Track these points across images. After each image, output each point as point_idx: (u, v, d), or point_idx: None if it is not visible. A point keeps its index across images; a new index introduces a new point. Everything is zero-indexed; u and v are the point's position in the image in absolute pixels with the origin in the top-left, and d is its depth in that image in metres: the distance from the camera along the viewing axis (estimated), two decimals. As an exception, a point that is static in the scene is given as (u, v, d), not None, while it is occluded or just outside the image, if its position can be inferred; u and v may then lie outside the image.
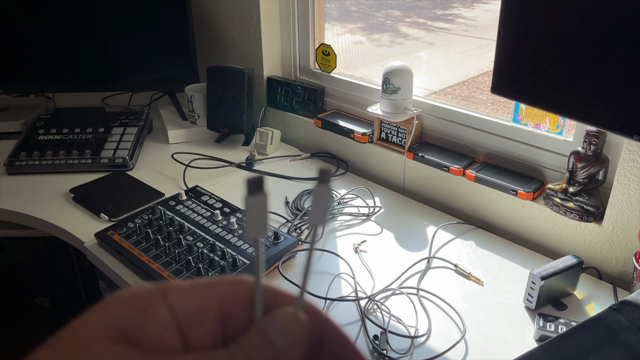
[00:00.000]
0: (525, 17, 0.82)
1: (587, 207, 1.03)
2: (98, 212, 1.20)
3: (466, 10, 4.29)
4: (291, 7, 1.51)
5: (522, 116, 1.15)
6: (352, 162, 1.45)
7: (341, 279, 1.02)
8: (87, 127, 1.51)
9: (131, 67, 1.62)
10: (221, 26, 1.65)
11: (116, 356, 0.21)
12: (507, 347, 0.86)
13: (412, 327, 0.90)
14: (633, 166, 0.95)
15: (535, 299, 0.92)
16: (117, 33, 1.57)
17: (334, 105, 1.53)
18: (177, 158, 1.43)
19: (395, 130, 1.33)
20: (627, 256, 1.00)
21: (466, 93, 3.34)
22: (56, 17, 1.55)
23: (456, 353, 0.85)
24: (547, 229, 1.10)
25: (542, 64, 0.82)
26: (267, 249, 1.02)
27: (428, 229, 1.17)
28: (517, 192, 1.11)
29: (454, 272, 1.04)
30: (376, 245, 1.12)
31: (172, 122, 1.63)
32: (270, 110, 1.61)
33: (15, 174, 1.40)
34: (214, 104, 1.52)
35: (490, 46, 0.88)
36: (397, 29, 4.09)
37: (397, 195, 1.31)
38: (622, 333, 0.69)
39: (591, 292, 0.98)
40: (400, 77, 1.26)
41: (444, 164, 1.22)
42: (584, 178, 1.03)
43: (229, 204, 1.18)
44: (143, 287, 0.24)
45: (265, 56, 1.56)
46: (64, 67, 1.61)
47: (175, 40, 1.57)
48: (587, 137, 1.01)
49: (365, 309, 0.93)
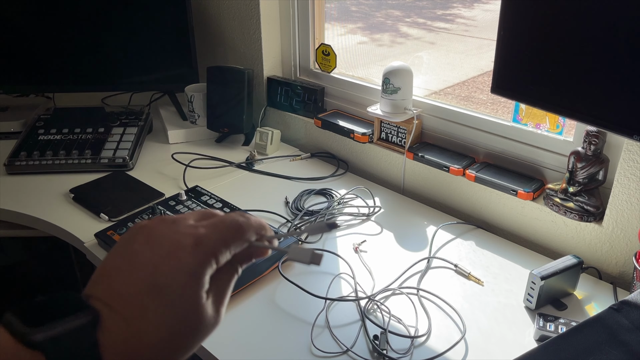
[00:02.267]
0: (525, 17, 0.82)
1: (587, 207, 1.03)
2: (98, 212, 1.20)
3: (466, 10, 4.29)
4: (291, 7, 1.51)
5: (522, 116, 1.15)
6: (352, 162, 1.45)
7: (341, 279, 1.02)
8: (87, 127, 1.51)
9: (131, 67, 1.62)
10: (221, 26, 1.65)
11: None
12: (507, 347, 0.86)
13: (412, 327, 0.90)
14: (633, 166, 0.95)
15: (535, 299, 0.92)
16: (117, 33, 1.57)
17: (334, 105, 1.53)
18: (177, 158, 1.43)
19: (395, 130, 1.33)
20: (627, 256, 1.00)
21: (466, 93, 3.34)
22: (56, 17, 1.55)
23: (456, 353, 0.85)
24: (547, 229, 1.10)
25: (542, 64, 0.82)
26: (267, 249, 1.02)
27: (428, 229, 1.17)
28: (517, 192, 1.11)
29: (454, 272, 1.04)
30: (376, 245, 1.12)
31: (172, 122, 1.63)
32: (270, 110, 1.61)
33: (15, 174, 1.40)
34: (214, 104, 1.52)
35: (490, 46, 0.88)
36: (397, 28, 4.09)
37: (397, 195, 1.31)
38: (622, 333, 0.69)
39: (591, 292, 0.98)
40: (400, 77, 1.26)
41: (444, 164, 1.22)
42: (584, 178, 1.03)
43: (229, 204, 1.18)
44: None
45: (265, 56, 1.56)
46: (64, 67, 1.61)
47: (175, 40, 1.57)
48: (587, 137, 1.01)
49: (365, 309, 0.93)
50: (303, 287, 0.95)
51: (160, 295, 0.34)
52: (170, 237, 0.36)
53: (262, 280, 1.00)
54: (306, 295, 0.95)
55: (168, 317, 0.34)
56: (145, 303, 0.34)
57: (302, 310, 0.93)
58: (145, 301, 0.34)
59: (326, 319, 0.91)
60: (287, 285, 0.98)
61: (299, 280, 0.98)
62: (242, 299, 0.96)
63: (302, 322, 0.91)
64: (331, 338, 0.88)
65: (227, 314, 0.92)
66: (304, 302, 0.95)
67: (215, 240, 0.37)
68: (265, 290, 0.98)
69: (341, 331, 0.89)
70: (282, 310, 0.94)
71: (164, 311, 0.34)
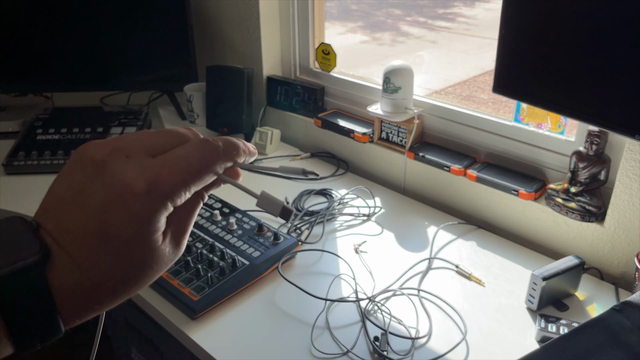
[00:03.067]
0: (527, 15, 0.82)
1: (588, 207, 1.02)
2: (97, 213, 1.19)
3: (467, 9, 4.29)
4: (291, 6, 1.51)
5: (524, 116, 1.15)
6: (352, 162, 1.44)
7: (341, 279, 1.01)
8: (85, 126, 1.50)
9: (130, 67, 1.61)
10: (221, 25, 1.64)
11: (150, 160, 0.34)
12: (509, 348, 0.86)
13: (413, 328, 0.90)
14: (635, 166, 0.95)
15: (536, 300, 0.91)
16: (115, 32, 1.57)
17: (334, 105, 1.52)
18: (176, 158, 1.42)
19: (396, 129, 1.32)
20: (629, 256, 1.00)
21: (467, 92, 3.33)
22: (55, 17, 1.55)
23: (457, 354, 0.85)
24: (548, 229, 1.10)
25: (543, 63, 0.81)
26: (267, 250, 1.01)
27: (429, 230, 1.17)
28: (518, 192, 1.10)
29: (455, 273, 1.03)
30: (376, 245, 1.12)
31: (171, 121, 1.62)
32: (270, 110, 1.61)
33: (14, 174, 1.39)
34: (214, 104, 1.52)
35: (492, 45, 0.87)
36: (398, 27, 4.08)
37: (398, 195, 1.31)
38: (624, 334, 0.68)
39: (593, 293, 0.98)
40: (401, 77, 1.26)
41: (444, 164, 1.22)
42: (586, 178, 1.03)
43: (228, 205, 1.17)
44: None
45: (265, 55, 1.56)
46: (63, 66, 1.61)
47: (175, 40, 1.56)
48: (588, 137, 1.00)
49: (366, 310, 0.92)
50: (303, 288, 0.95)
51: (110, 243, 0.33)
52: (122, 179, 0.33)
53: (262, 281, 1.00)
54: (306, 296, 0.94)
55: (119, 263, 0.33)
56: (94, 247, 0.33)
57: (302, 311, 0.93)
58: (95, 245, 0.33)
59: (326, 320, 0.91)
60: (287, 286, 0.97)
61: (299, 281, 0.97)
62: (242, 299, 0.95)
63: (302, 323, 0.90)
64: (331, 339, 0.87)
65: (227, 315, 0.92)
66: (304, 303, 0.94)
67: (172, 185, 0.34)
68: (265, 290, 0.98)
69: (341, 332, 0.88)
70: (282, 311, 0.93)
71: (115, 258, 0.33)
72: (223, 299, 0.94)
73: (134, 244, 0.33)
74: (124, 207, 0.33)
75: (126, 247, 0.33)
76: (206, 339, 0.87)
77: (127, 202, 0.33)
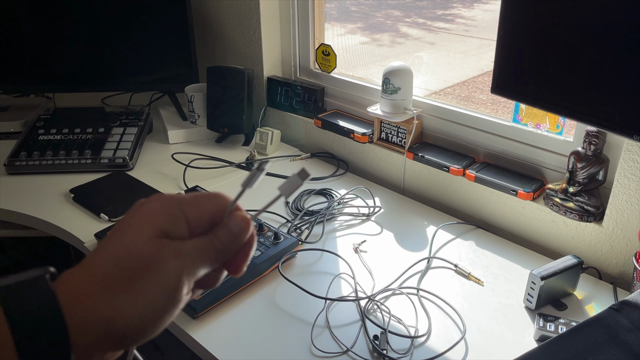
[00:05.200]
0: (525, 17, 0.82)
1: (587, 207, 1.03)
2: (98, 212, 1.20)
3: (466, 10, 4.29)
4: (291, 7, 1.51)
5: (522, 116, 1.15)
6: (352, 162, 1.45)
7: (341, 279, 1.02)
8: (87, 127, 1.51)
9: (131, 67, 1.62)
10: (221, 26, 1.65)
11: (161, 243, 0.36)
12: (507, 347, 0.86)
13: (412, 327, 0.90)
14: (633, 166, 0.95)
15: (535, 299, 0.92)
16: (117, 33, 1.57)
17: (334, 105, 1.53)
18: (177, 158, 1.43)
19: (395, 130, 1.33)
20: (627, 256, 1.00)
21: (466, 93, 3.33)
22: (56, 17, 1.55)
23: (456, 353, 0.85)
24: (547, 229, 1.10)
25: (542, 64, 0.82)
26: (267, 249, 1.02)
27: (428, 229, 1.17)
28: (517, 192, 1.11)
29: (454, 272, 1.04)
30: (376, 245, 1.12)
31: (172, 122, 1.63)
32: (270, 110, 1.61)
33: (16, 174, 1.40)
34: (214, 104, 1.52)
35: (490, 46, 0.88)
36: (397, 29, 4.08)
37: (397, 195, 1.31)
38: (622, 333, 0.69)
39: (591, 292, 0.98)
40: (400, 77, 1.26)
41: (444, 164, 1.22)
42: (584, 178, 1.03)
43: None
44: (167, 199, 0.38)
45: (265, 56, 1.56)
46: (64, 67, 1.61)
47: (175, 40, 1.57)
48: (587, 137, 1.01)
49: (365, 309, 0.93)
50: (303, 287, 0.95)
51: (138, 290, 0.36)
52: (173, 282, 0.36)
53: (262, 280, 1.00)
54: (306, 295, 0.95)
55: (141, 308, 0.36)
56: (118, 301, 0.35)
57: (302, 311, 0.93)
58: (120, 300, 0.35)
59: (326, 319, 0.91)
60: (287, 285, 0.98)
61: (299, 280, 0.98)
62: (242, 299, 0.96)
63: (302, 322, 0.91)
64: (331, 338, 0.88)
65: (227, 314, 0.92)
66: (304, 302, 0.95)
67: (201, 279, 0.39)
68: (265, 290, 0.98)
69: (341, 331, 0.89)
70: (282, 310, 0.94)
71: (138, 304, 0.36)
72: (224, 298, 0.94)
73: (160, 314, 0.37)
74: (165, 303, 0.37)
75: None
76: (207, 337, 0.88)
77: (172, 299, 0.37)
